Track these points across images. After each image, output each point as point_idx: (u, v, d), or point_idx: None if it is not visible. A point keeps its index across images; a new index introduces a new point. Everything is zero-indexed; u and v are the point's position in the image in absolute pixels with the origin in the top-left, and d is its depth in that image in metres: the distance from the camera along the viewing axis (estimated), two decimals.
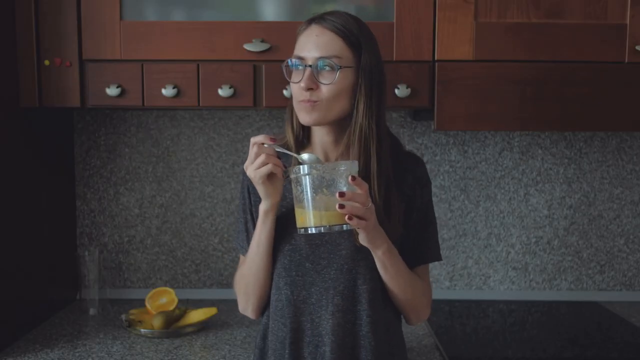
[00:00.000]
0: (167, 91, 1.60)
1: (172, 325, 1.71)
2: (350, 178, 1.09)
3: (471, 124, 1.63)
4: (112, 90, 1.60)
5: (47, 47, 1.62)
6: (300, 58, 1.22)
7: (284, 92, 1.60)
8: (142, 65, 1.61)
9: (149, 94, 1.62)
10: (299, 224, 1.14)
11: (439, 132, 2.02)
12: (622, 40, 1.60)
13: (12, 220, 1.62)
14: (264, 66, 1.61)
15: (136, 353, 1.56)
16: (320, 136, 1.28)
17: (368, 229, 1.13)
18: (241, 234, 1.35)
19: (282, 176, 1.18)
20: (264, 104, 1.62)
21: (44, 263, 1.79)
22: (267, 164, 1.15)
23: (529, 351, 1.63)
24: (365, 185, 1.12)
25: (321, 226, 1.10)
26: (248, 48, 1.60)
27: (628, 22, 1.60)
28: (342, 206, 1.08)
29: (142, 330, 1.67)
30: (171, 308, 1.77)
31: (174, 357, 1.55)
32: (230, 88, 1.60)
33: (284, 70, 1.25)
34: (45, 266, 1.80)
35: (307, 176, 1.10)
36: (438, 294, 2.04)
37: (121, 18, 1.61)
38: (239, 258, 2.00)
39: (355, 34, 1.21)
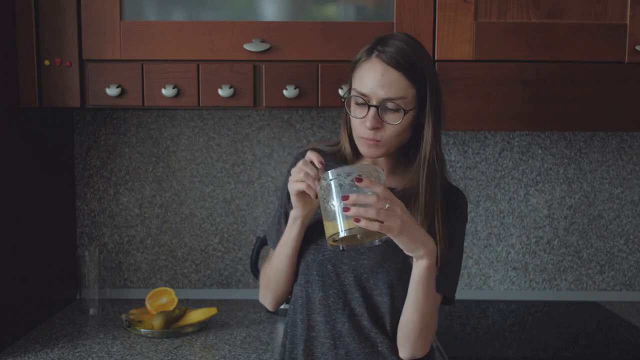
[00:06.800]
0: (167, 91, 1.60)
1: (172, 325, 1.71)
2: (355, 179, 1.06)
3: (471, 124, 1.63)
4: (112, 90, 1.60)
5: (47, 47, 1.62)
6: (364, 95, 1.20)
7: (284, 92, 1.60)
8: (142, 65, 1.61)
9: (149, 94, 1.62)
10: (327, 233, 1.11)
11: None
12: (622, 40, 1.60)
13: (12, 220, 1.62)
14: (264, 66, 1.61)
15: (136, 353, 1.56)
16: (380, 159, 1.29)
17: (392, 231, 1.08)
18: (273, 227, 1.37)
19: (314, 197, 1.17)
20: (264, 104, 1.62)
21: (44, 263, 1.79)
22: (302, 182, 1.16)
23: (529, 351, 1.63)
24: (380, 185, 1.07)
25: (348, 229, 1.07)
26: (248, 48, 1.60)
27: (628, 22, 1.60)
28: (346, 209, 1.06)
29: (142, 330, 1.67)
30: (171, 308, 1.77)
31: (174, 357, 1.55)
32: (230, 88, 1.60)
33: (345, 102, 1.24)
34: (45, 266, 1.79)
35: (332, 181, 1.09)
36: None
37: (121, 18, 1.60)
38: (239, 258, 2.03)
39: (418, 69, 1.19)
